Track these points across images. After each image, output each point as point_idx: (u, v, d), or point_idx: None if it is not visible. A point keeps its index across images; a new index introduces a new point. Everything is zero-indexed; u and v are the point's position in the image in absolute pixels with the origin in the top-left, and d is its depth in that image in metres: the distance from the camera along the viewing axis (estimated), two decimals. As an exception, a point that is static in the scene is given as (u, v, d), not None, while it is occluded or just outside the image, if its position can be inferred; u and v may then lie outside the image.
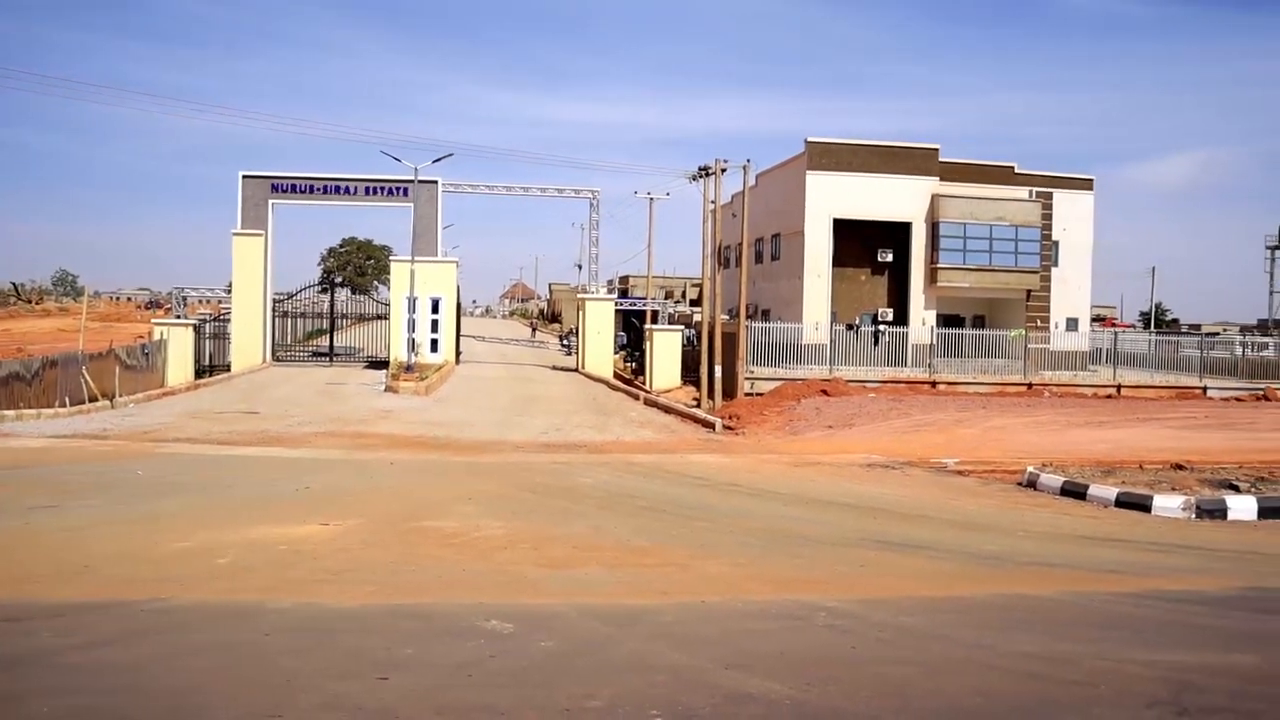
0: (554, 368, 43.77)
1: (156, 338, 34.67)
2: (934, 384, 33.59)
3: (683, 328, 42.48)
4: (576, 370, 41.25)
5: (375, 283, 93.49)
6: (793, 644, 7.66)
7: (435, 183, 38.51)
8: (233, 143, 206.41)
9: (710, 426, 25.28)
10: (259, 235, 37.61)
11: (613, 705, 6.08)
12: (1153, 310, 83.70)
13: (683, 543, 11.51)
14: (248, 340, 37.53)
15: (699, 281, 41.59)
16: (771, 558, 11.03)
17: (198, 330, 37.61)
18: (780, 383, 31.75)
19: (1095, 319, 54.12)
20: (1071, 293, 41.01)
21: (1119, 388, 35.42)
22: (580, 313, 42.65)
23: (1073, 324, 40.77)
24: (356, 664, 6.75)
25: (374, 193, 39.23)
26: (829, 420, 25.90)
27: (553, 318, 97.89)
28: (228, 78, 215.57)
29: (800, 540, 12.09)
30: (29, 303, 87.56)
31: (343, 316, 43.24)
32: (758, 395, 30.85)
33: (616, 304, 45.33)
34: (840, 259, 37.85)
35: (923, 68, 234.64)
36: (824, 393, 30.27)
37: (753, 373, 32.27)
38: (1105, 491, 15.84)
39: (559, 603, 8.55)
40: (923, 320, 37.66)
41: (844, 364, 34.26)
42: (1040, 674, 7.21)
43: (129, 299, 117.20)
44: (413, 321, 35.44)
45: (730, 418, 26.57)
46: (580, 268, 58.27)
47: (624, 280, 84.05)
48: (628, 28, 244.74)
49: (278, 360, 39.16)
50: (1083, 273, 41.42)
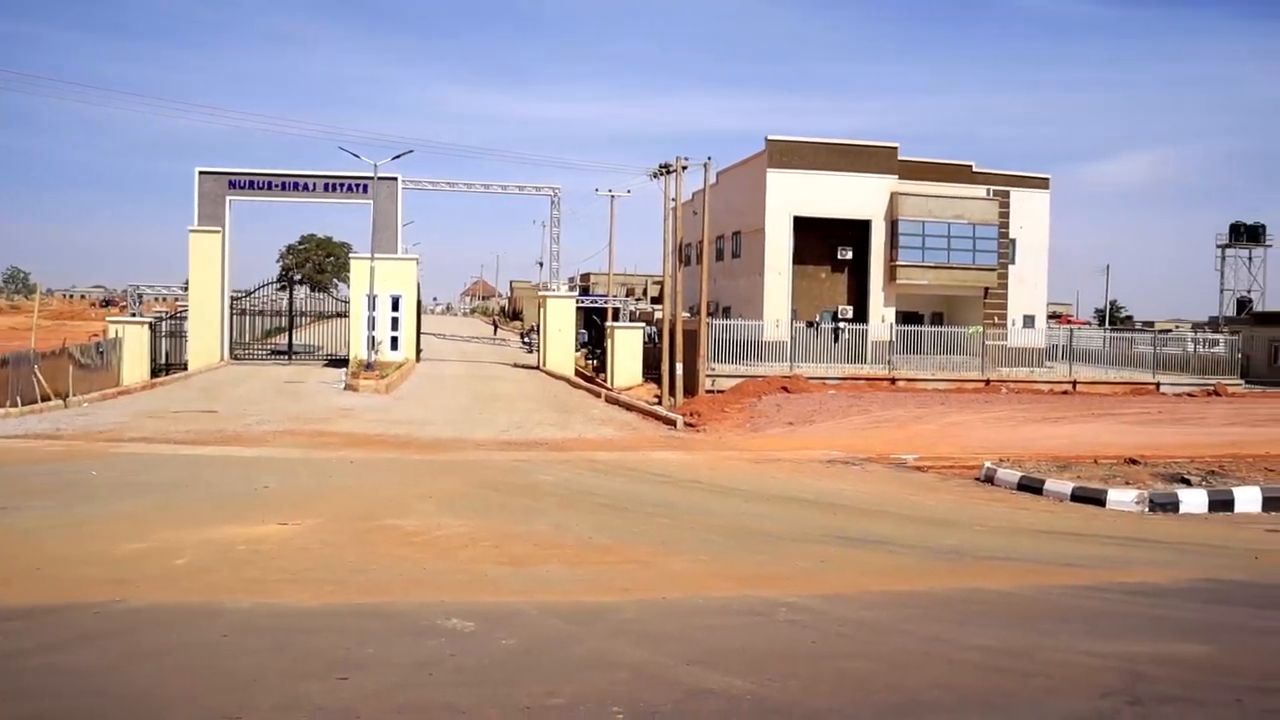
0: (515, 365, 43.63)
1: (111, 336, 34.11)
2: (893, 381, 33.84)
3: (644, 325, 42.48)
4: (538, 368, 41.14)
5: (335, 280, 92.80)
6: (754, 640, 7.71)
7: (395, 179, 38.22)
8: (189, 138, 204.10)
9: (671, 424, 25.32)
10: (216, 232, 37.16)
11: (574, 703, 6.09)
12: (1107, 307, 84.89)
13: (644, 540, 11.53)
14: (205, 338, 37.08)
15: (660, 279, 41.69)
16: (733, 554, 11.09)
17: (154, 328, 37.07)
18: (741, 380, 31.85)
19: (1051, 316, 54.78)
20: (1028, 290, 41.48)
21: (1075, 384, 35.89)
22: (541, 310, 42.54)
23: (1029, 321, 41.25)
24: (317, 664, 6.71)
25: (333, 189, 38.87)
26: (789, 417, 26.03)
27: (514, 315, 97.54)
28: (183, 71, 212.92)
29: (761, 536, 12.15)
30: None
31: (302, 314, 42.82)
32: (719, 392, 30.93)
33: (578, 301, 45.25)
34: (800, 256, 38.02)
35: (881, 67, 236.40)
36: (785, 390, 30.40)
37: (714, 370, 32.35)
38: (1061, 486, 16.05)
39: (520, 601, 8.54)
40: (882, 317, 37.92)
41: (804, 361, 34.43)
42: (998, 666, 7.31)
43: (83, 297, 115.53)
44: (373, 319, 35.14)
45: (691, 415, 26.63)
46: (541, 265, 58.08)
47: (585, 278, 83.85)
48: (589, 25, 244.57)
49: (236, 359, 38.73)
50: (1039, 270, 41.90)
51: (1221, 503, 15.37)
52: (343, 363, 35.95)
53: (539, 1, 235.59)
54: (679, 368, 30.98)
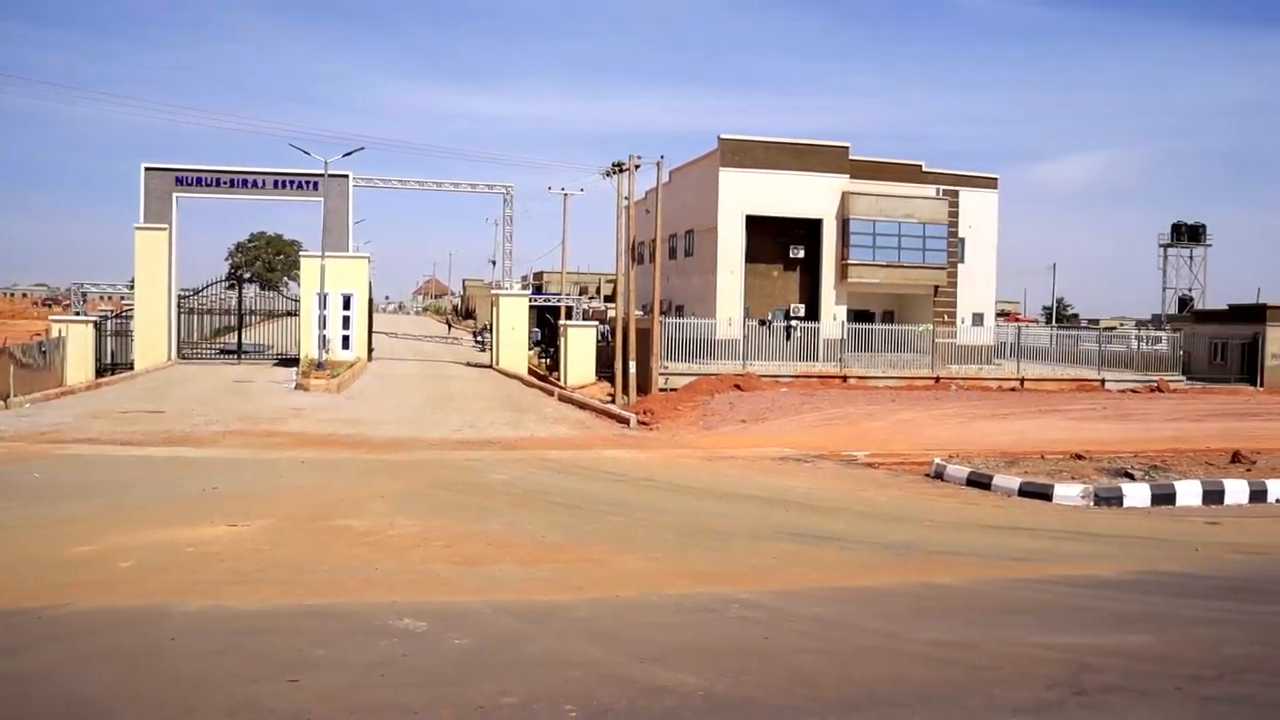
0: (468, 364, 43.41)
1: (55, 335, 33.50)
2: (845, 378, 34.13)
3: (597, 324, 42.47)
4: (491, 367, 40.97)
5: (285, 278, 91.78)
6: (706, 637, 7.75)
7: (346, 177, 37.87)
8: (136, 134, 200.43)
9: (625, 422, 25.33)
10: (163, 229, 36.60)
11: (527, 702, 6.09)
12: (1054, 305, 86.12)
13: (597, 538, 11.55)
14: (152, 338, 36.49)
15: (613, 277, 41.68)
16: (686, 552, 11.13)
17: (99, 327, 36.45)
18: (694, 378, 31.95)
19: (1000, 314, 55.48)
20: (977, 288, 41.99)
21: (1022, 381, 36.41)
22: (494, 309, 42.36)
23: (978, 319, 41.77)
24: (267, 666, 6.65)
25: (283, 186, 38.42)
26: (742, 415, 26.16)
27: (467, 314, 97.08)
28: (130, 66, 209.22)
29: (714, 534, 12.21)
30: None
31: (251, 313, 42.27)
32: (672, 391, 31.01)
33: (531, 300, 45.10)
34: (753, 255, 38.20)
35: (833, 66, 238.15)
36: (737, 387, 30.55)
37: (667, 368, 32.42)
38: (1009, 481, 16.29)
39: (473, 600, 8.52)
40: (834, 315, 38.21)
41: (757, 359, 34.62)
42: (947, 659, 7.41)
43: (25, 295, 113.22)
44: (324, 318, 34.76)
45: (645, 413, 26.67)
46: (494, 264, 57.83)
47: (539, 276, 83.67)
48: (542, 23, 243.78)
49: (184, 358, 38.18)
50: (988, 269, 42.44)
51: (1163, 496, 15.70)
52: (293, 362, 35.58)
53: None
54: (632, 366, 31.02)
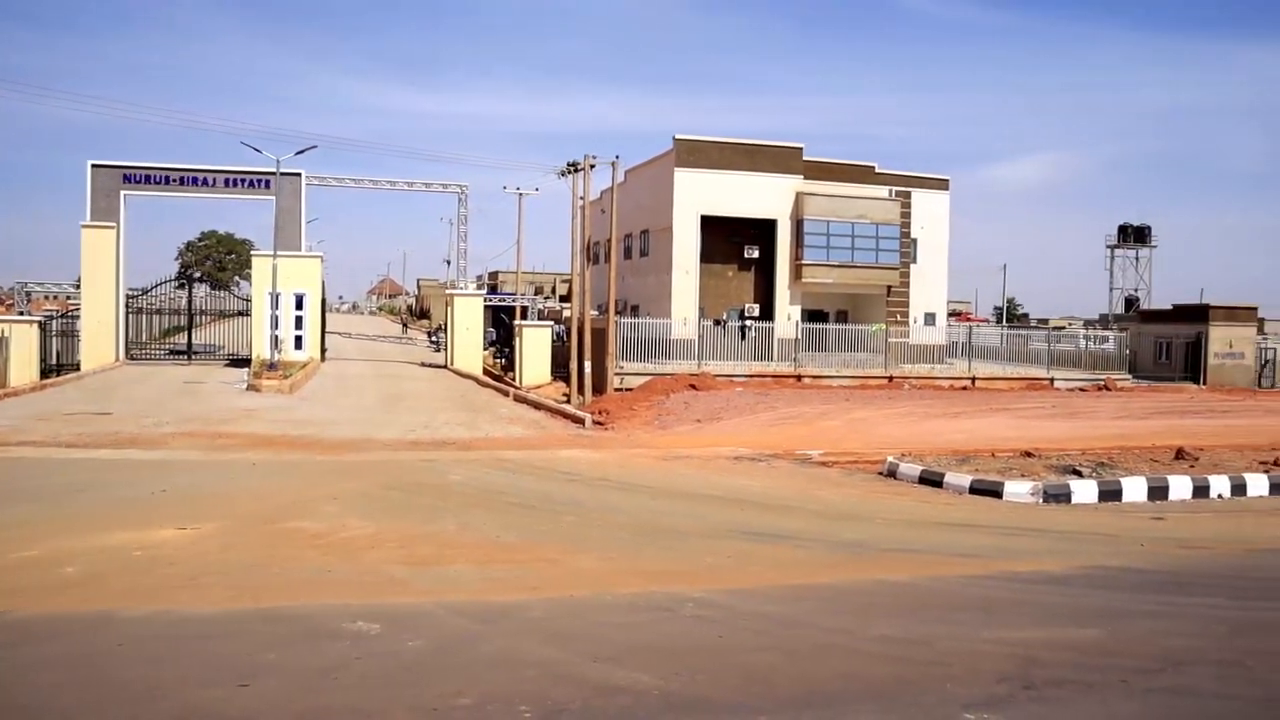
0: (422, 364, 43.15)
1: (-3, 336, 32.88)
2: (799, 378, 34.35)
3: (552, 324, 42.44)
4: (445, 367, 40.76)
5: (236, 278, 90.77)
6: (661, 635, 7.76)
7: (299, 175, 37.50)
8: (82, 130, 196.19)
9: (580, 422, 25.30)
10: (110, 228, 36.02)
11: (482, 703, 6.06)
12: (1005, 305, 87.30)
13: (552, 538, 11.52)
14: (99, 338, 35.89)
15: (569, 277, 41.62)
16: (640, 551, 11.15)
17: (43, 327, 35.80)
18: (649, 378, 32.01)
19: (952, 314, 56.16)
20: (929, 288, 42.48)
21: (974, 380, 36.87)
22: (449, 309, 42.15)
23: (930, 319, 42.24)
24: (216, 671, 6.56)
25: (234, 185, 37.97)
26: (697, 414, 26.23)
27: (421, 314, 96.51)
28: (77, 60, 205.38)
29: (669, 533, 12.23)
30: None
31: (202, 313, 41.73)
32: (627, 390, 31.04)
33: (486, 300, 44.95)
34: (708, 255, 38.35)
35: (787, 68, 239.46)
36: (692, 387, 30.64)
37: (622, 368, 32.45)
38: (960, 479, 16.48)
39: (427, 601, 8.47)
40: (788, 315, 38.45)
41: (712, 359, 34.76)
42: (899, 655, 7.48)
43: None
44: (276, 318, 34.41)
45: (600, 413, 26.66)
46: (449, 263, 57.64)
47: (493, 276, 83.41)
48: (496, 22, 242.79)
49: (132, 359, 37.59)
50: (940, 269, 42.94)
51: (1110, 493, 15.95)
52: (245, 363, 35.17)
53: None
54: (587, 366, 31.01)
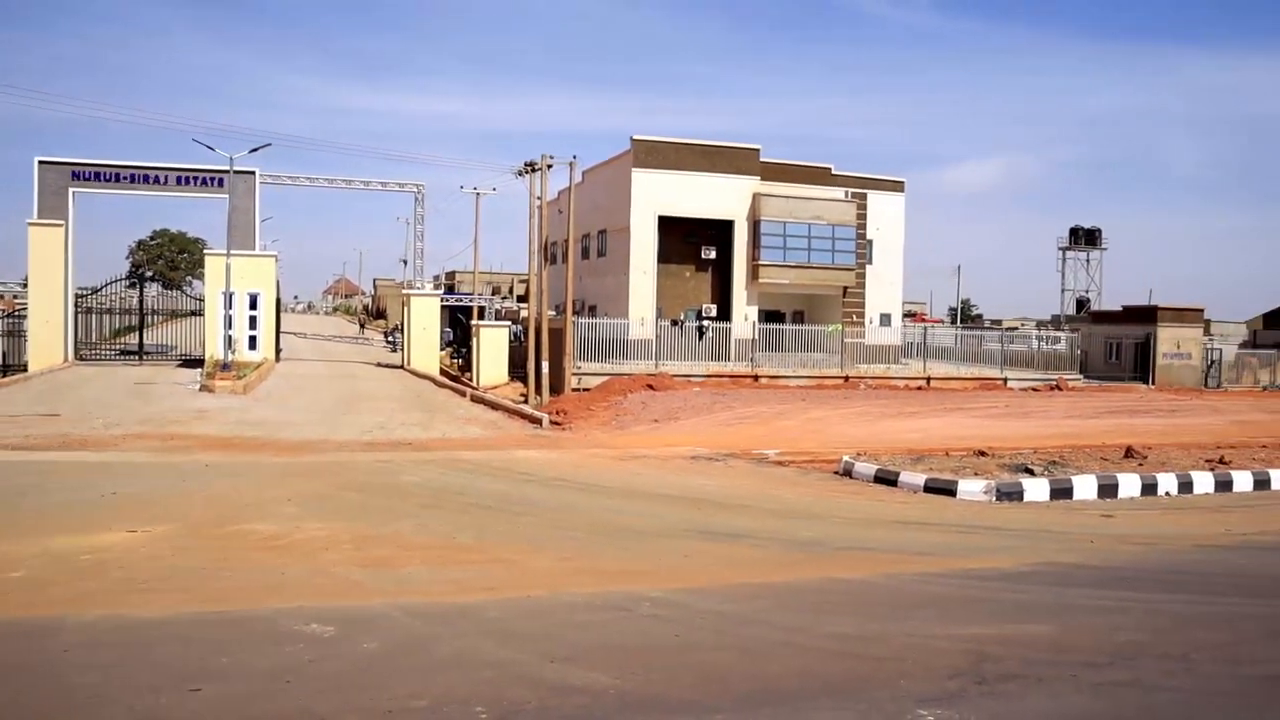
0: (379, 365, 42.86)
1: (-59, 336, 32.25)
2: (756, 378, 34.51)
3: (510, 324, 42.31)
4: (402, 367, 40.53)
5: (189, 277, 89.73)
6: (617, 635, 7.78)
7: (252, 173, 37.11)
8: (28, 125, 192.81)
9: (537, 422, 25.25)
10: (59, 226, 35.42)
11: (437, 704, 6.04)
12: (959, 306, 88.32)
13: (508, 539, 11.50)
14: (47, 338, 35.26)
15: (526, 277, 41.54)
16: (597, 551, 11.15)
17: (-11, 328, 35.19)
18: (607, 378, 32.02)
19: (907, 314, 56.72)
20: (885, 289, 42.85)
21: (929, 380, 37.23)
22: (405, 309, 41.90)
23: (886, 319, 42.61)
24: (167, 676, 6.47)
25: (186, 183, 37.50)
26: (655, 414, 26.28)
27: (378, 314, 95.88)
28: (21, 53, 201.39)
29: (626, 533, 12.25)
30: None
31: (154, 313, 41.17)
32: (585, 391, 31.03)
33: (443, 300, 44.77)
34: (665, 255, 38.42)
35: (744, 70, 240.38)
36: (650, 387, 30.69)
37: (580, 368, 32.43)
38: (914, 478, 16.63)
39: (382, 603, 8.41)
40: (745, 316, 38.62)
41: (669, 359, 34.83)
42: (853, 653, 7.55)
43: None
44: (229, 318, 34.01)
45: (557, 413, 26.62)
46: (406, 263, 57.23)
47: (451, 276, 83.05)
48: (454, 21, 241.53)
49: (82, 359, 36.99)
50: (895, 270, 43.32)
51: (1061, 491, 16.19)
52: (198, 363, 34.75)
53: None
54: (545, 366, 30.96)
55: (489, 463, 18.13)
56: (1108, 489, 16.49)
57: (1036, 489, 16.12)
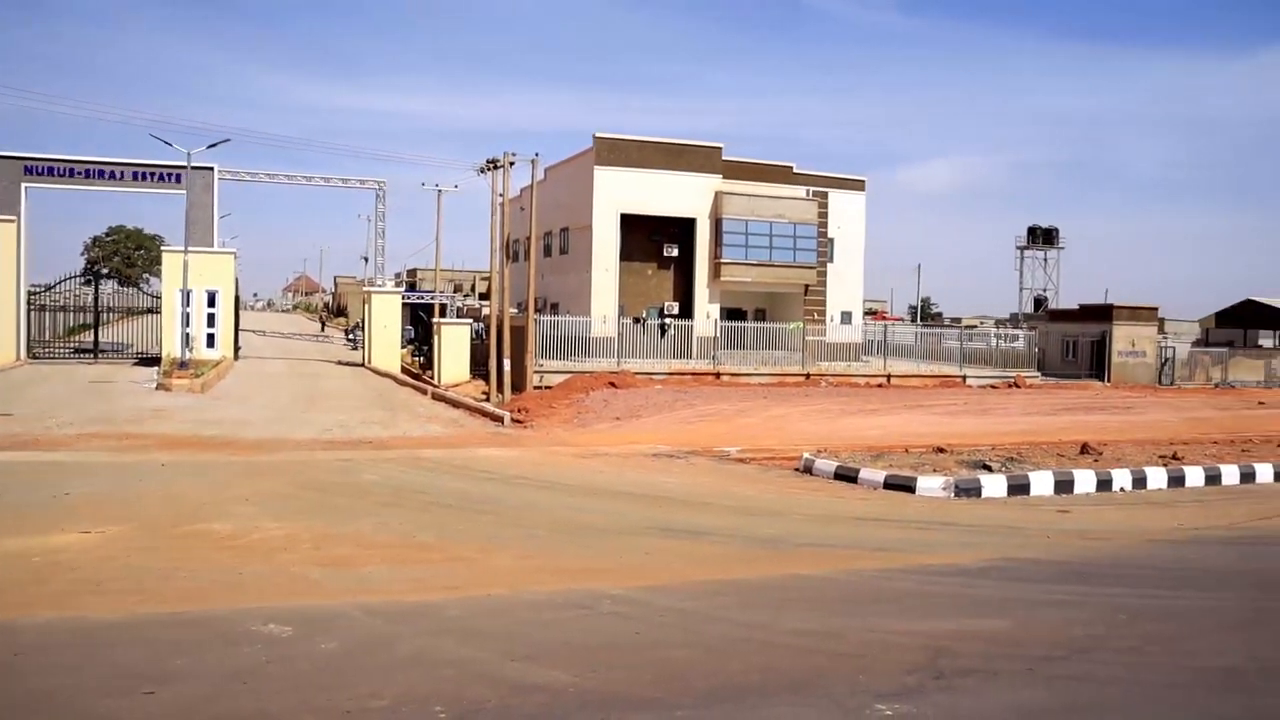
0: (339, 363, 42.55)
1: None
2: (718, 375, 34.61)
3: (471, 321, 42.13)
4: (363, 365, 40.27)
5: (146, 274, 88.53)
6: (578, 633, 7.77)
7: (211, 169, 36.69)
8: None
9: (499, 420, 25.18)
10: (10, 221, 34.83)
11: (397, 704, 6.01)
12: (919, 304, 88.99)
13: (469, 537, 11.46)
14: (-1, 336, 34.73)
15: (488, 275, 41.38)
16: (558, 549, 11.14)
17: (-62, 326, 34.50)
18: (569, 376, 31.99)
19: (868, 312, 57.10)
20: (846, 287, 43.14)
21: (889, 377, 37.50)
22: (366, 306, 41.63)
23: (847, 317, 42.91)
24: (122, 679, 6.39)
25: (143, 178, 36.99)
26: (617, 412, 26.28)
27: (338, 311, 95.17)
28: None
29: (587, 530, 12.25)
30: None
31: (109, 310, 40.59)
32: (547, 388, 30.97)
33: (404, 297, 44.50)
34: (628, 253, 38.45)
35: (706, 69, 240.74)
36: (612, 385, 30.69)
37: (542, 366, 32.38)
38: (874, 475, 16.76)
39: (341, 602, 8.36)
40: (707, 314, 38.73)
41: (631, 356, 34.85)
42: (813, 648, 7.60)
43: None
44: (187, 315, 33.60)
45: (519, 411, 26.56)
46: (367, 260, 56.89)
47: (412, 273, 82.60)
48: (417, 18, 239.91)
49: (35, 357, 36.39)
50: (856, 268, 43.62)
51: (1019, 487, 16.37)
52: (155, 361, 34.30)
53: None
54: (506, 364, 30.85)
55: (450, 461, 18.05)
56: (1064, 485, 16.70)
57: (994, 485, 16.29)
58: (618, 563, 10.42)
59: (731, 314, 40.08)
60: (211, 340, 35.83)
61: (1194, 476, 18.02)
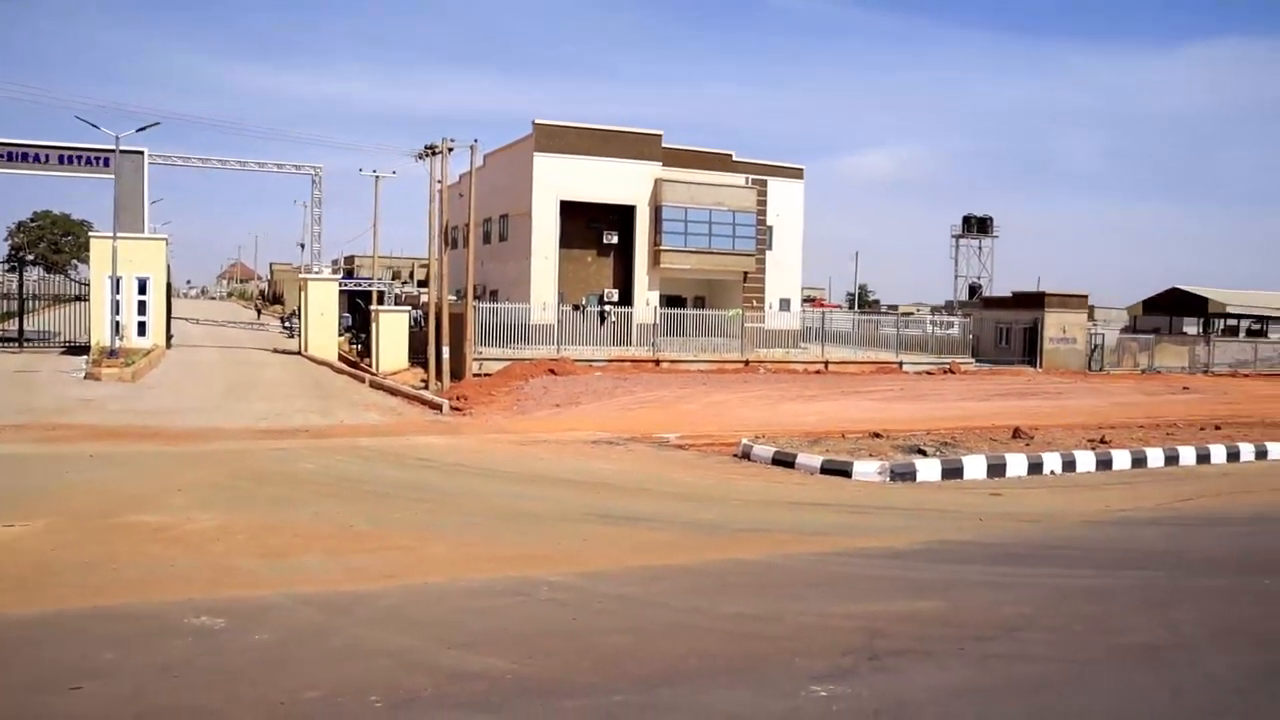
0: (275, 351, 41.93)
1: None
2: (658, 362, 34.68)
3: (410, 309, 41.73)
4: (299, 353, 39.71)
5: (74, 261, 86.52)
6: (515, 620, 7.76)
7: (141, 153, 35.87)
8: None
9: (438, 408, 25.00)
10: (-72, 207, 33.86)
11: (331, 694, 5.97)
12: (857, 292, 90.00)
13: (407, 525, 11.38)
14: (-83, 325, 33.72)
15: (427, 262, 41.06)
16: (496, 536, 11.10)
17: None
18: (508, 363, 31.85)
19: (806, 300, 57.57)
20: (784, 275, 43.41)
21: (827, 364, 37.87)
22: (303, 294, 41.04)
23: (785, 304, 43.20)
24: (47, 675, 6.25)
25: (70, 162, 36.05)
26: (556, 399, 26.23)
27: (274, 299, 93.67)
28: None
29: (526, 518, 12.22)
30: None
31: (35, 298, 39.51)
32: (486, 376, 30.81)
33: (341, 284, 43.97)
34: (567, 240, 38.33)
35: (647, 57, 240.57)
36: (551, 372, 30.61)
37: (481, 353, 32.19)
38: (811, 460, 16.91)
39: (276, 593, 8.26)
40: (647, 301, 38.77)
41: (571, 344, 34.78)
42: (750, 632, 7.67)
43: None
44: (117, 303, 32.85)
45: (458, 399, 26.39)
46: (303, 247, 55.96)
47: (350, 260, 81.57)
48: (355, 2, 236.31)
49: (-45, 347, 35.41)
50: (794, 256, 43.92)
51: (953, 471, 16.63)
52: (83, 350, 33.50)
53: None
54: (445, 352, 30.62)
55: (388, 449, 17.90)
56: (996, 468, 17.00)
57: (929, 469, 16.54)
58: (556, 549, 10.41)
59: (671, 301, 40.16)
60: (143, 328, 35.07)
61: (1121, 460, 18.45)
